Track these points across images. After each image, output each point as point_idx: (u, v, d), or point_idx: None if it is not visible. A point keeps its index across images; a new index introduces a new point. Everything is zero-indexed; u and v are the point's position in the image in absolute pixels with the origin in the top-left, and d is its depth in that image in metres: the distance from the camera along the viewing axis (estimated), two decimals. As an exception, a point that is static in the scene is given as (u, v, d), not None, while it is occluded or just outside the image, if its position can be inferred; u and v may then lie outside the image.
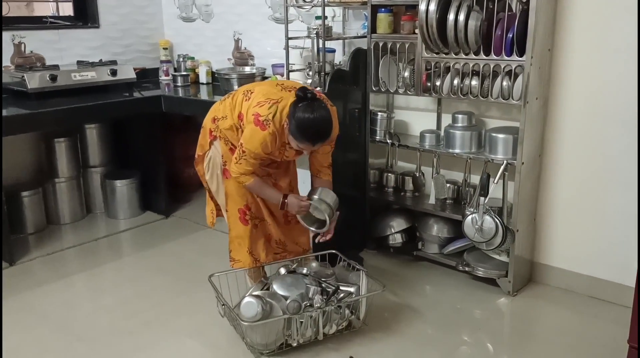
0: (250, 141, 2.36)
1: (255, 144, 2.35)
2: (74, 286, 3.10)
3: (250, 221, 2.60)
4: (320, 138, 2.35)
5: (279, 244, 2.71)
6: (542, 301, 2.86)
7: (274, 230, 2.67)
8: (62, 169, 3.88)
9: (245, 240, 2.60)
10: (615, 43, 2.60)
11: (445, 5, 2.73)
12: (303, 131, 2.31)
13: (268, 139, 2.35)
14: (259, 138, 2.34)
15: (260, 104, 2.37)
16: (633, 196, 2.63)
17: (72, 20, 4.18)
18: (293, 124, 2.31)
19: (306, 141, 2.34)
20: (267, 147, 2.36)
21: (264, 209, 2.63)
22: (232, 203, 2.60)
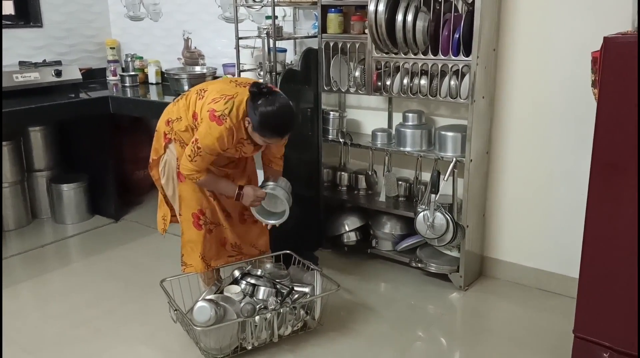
0: (206, 137, 2.31)
1: (212, 139, 2.31)
2: (19, 296, 2.99)
3: (204, 226, 2.55)
4: (288, 128, 2.37)
5: (234, 247, 2.67)
6: (493, 295, 2.94)
7: (229, 233, 2.63)
8: (5, 173, 3.73)
9: (198, 245, 2.56)
10: (557, 43, 2.68)
11: (394, 6, 2.76)
12: (269, 125, 2.29)
13: (225, 134, 2.30)
14: (216, 133, 2.30)
15: (215, 100, 2.33)
16: (576, 191, 2.72)
17: (13, 20, 4.02)
18: (256, 120, 2.28)
19: (274, 134, 2.33)
20: (223, 142, 2.32)
21: (219, 213, 2.59)
22: (185, 207, 2.55)
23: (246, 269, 2.60)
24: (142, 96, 3.80)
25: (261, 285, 2.45)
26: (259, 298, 2.42)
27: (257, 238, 2.74)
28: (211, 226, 2.57)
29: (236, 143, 2.38)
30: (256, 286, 2.46)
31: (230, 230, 2.63)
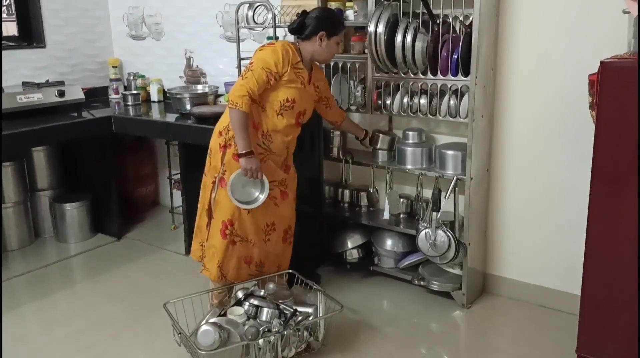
0: (261, 54, 2.48)
1: (265, 53, 2.47)
2: (23, 319, 3.00)
3: (229, 236, 2.58)
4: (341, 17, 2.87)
5: (258, 266, 2.69)
6: (495, 312, 2.95)
7: (256, 251, 2.65)
8: (9, 194, 3.75)
9: (219, 253, 2.59)
10: (554, 62, 2.71)
11: (393, 27, 2.80)
12: (335, 19, 2.64)
13: (278, 48, 2.47)
14: (269, 49, 2.48)
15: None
16: (576, 207, 2.74)
17: (16, 41, 4.06)
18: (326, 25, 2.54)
19: (342, 25, 2.68)
20: (278, 56, 2.45)
21: (250, 227, 2.60)
22: (219, 211, 2.59)
23: (249, 290, 2.62)
24: (144, 114, 3.83)
25: (264, 307, 2.46)
26: (262, 320, 2.43)
27: (285, 259, 2.80)
28: (236, 239, 2.60)
29: (292, 65, 2.50)
30: (259, 308, 2.47)
31: (259, 247, 2.64)
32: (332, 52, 2.63)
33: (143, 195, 4.43)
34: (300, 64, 2.55)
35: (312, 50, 2.57)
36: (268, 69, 2.44)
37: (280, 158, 2.66)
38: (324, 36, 2.54)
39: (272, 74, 2.46)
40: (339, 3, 3.07)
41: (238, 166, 2.51)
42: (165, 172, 4.32)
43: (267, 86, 2.48)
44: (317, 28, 2.53)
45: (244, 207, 2.56)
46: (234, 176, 2.51)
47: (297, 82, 2.54)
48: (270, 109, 2.53)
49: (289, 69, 2.49)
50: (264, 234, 2.65)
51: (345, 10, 3.06)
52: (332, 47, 2.59)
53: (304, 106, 2.62)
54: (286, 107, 2.54)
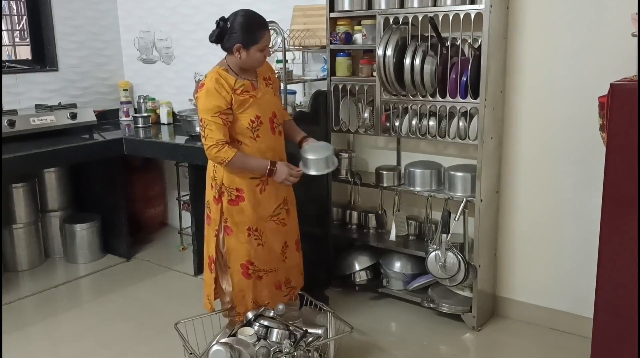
0: (202, 105, 2.37)
1: (204, 101, 2.36)
2: (32, 338, 3.00)
3: (253, 274, 2.57)
4: (263, 18, 2.42)
5: (286, 283, 2.69)
6: (506, 335, 2.92)
7: (281, 273, 2.65)
8: (20, 214, 3.78)
9: (249, 292, 2.59)
10: (563, 84, 2.74)
11: (402, 50, 2.84)
12: (251, 24, 2.36)
13: (211, 87, 2.35)
14: (204, 94, 2.37)
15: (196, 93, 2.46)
16: (587, 229, 2.74)
17: (30, 64, 4.13)
18: (240, 34, 2.35)
19: (261, 28, 2.38)
20: (215, 94, 2.34)
21: (269, 258, 2.59)
22: (234, 259, 2.57)
23: (259, 311, 2.61)
24: (155, 136, 3.87)
25: (274, 327, 2.45)
26: (272, 341, 2.42)
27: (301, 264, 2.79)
28: (261, 273, 2.59)
29: (232, 89, 2.38)
30: (270, 329, 2.46)
31: (281, 269, 2.65)
32: (258, 61, 2.43)
33: (152, 216, 4.45)
34: (237, 82, 2.41)
35: (236, 62, 2.42)
36: (217, 113, 2.35)
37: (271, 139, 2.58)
38: (242, 49, 2.37)
39: (223, 113, 2.36)
40: (347, 27, 3.12)
41: (238, 211, 2.50)
42: (173, 193, 4.35)
43: (228, 125, 2.40)
44: (232, 41, 2.36)
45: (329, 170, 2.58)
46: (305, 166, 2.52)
47: (247, 99, 2.42)
48: (245, 138, 2.45)
49: (232, 96, 2.38)
50: (282, 256, 2.66)
51: (353, 34, 3.11)
52: (253, 57, 2.40)
53: (269, 110, 2.51)
54: (256, 127, 2.45)
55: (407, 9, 2.84)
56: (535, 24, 2.76)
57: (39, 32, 4.15)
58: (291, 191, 2.73)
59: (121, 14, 4.50)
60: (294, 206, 2.76)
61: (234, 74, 2.44)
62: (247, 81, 2.46)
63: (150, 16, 4.30)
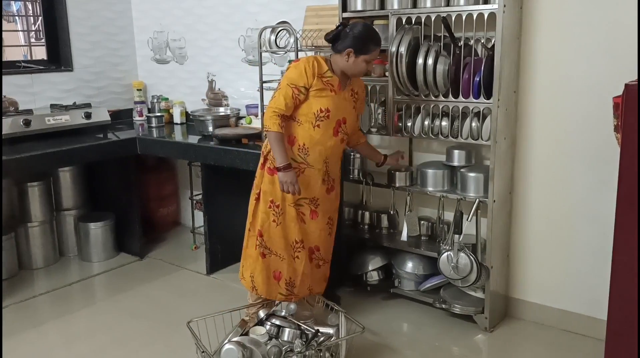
0: (287, 73, 2.56)
1: (292, 71, 2.53)
2: (47, 335, 3.03)
3: (258, 247, 2.66)
4: (378, 35, 2.61)
5: (288, 285, 2.68)
6: (518, 337, 2.91)
7: (286, 268, 2.65)
8: (35, 213, 3.83)
9: (252, 261, 2.68)
10: (576, 84, 2.72)
11: (414, 50, 2.84)
12: (368, 36, 2.55)
13: (303, 63, 2.52)
14: (294, 66, 2.54)
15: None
16: (600, 231, 2.72)
17: (45, 64, 4.18)
18: (356, 40, 2.52)
19: (374, 43, 2.56)
20: (302, 72, 2.50)
21: (279, 241, 2.63)
22: (254, 223, 2.68)
23: (271, 310, 2.62)
24: (168, 135, 3.90)
25: (286, 327, 2.46)
26: (284, 340, 2.43)
27: (317, 282, 2.78)
28: (265, 251, 2.65)
29: (319, 75, 2.53)
30: (281, 328, 2.47)
31: (288, 263, 2.65)
32: (360, 70, 2.60)
33: (165, 215, 4.49)
34: (328, 73, 2.57)
35: (341, 64, 2.58)
36: (293, 84, 2.50)
37: (320, 171, 2.64)
38: (352, 53, 2.53)
39: (297, 88, 2.51)
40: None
41: (271, 181, 2.59)
42: (186, 192, 4.38)
43: (297, 101, 2.53)
44: (346, 44, 2.54)
45: None
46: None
47: (327, 90, 2.56)
48: (307, 121, 2.56)
49: (316, 80, 2.53)
50: (293, 250, 2.66)
51: (366, 34, 3.11)
52: (359, 65, 2.57)
53: (341, 113, 2.62)
54: (321, 117, 2.56)
55: (420, 9, 2.83)
56: (549, 24, 2.74)
57: (54, 32, 4.20)
58: (329, 201, 2.75)
59: (136, 14, 4.53)
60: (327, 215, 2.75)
61: (330, 68, 2.59)
62: (336, 77, 2.60)
63: (165, 17, 4.33)
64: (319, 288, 2.81)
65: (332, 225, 2.80)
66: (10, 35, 4.75)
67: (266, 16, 3.71)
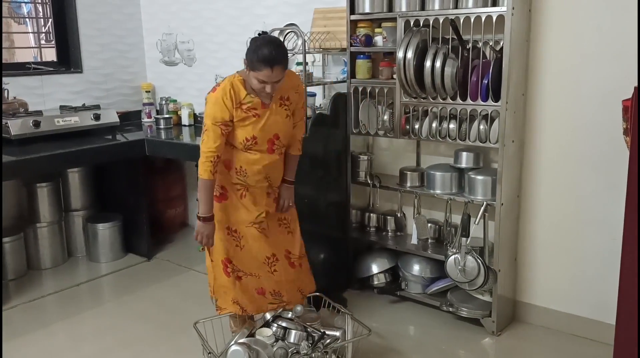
0: (208, 110, 2.36)
1: (210, 106, 2.35)
2: (55, 336, 3.05)
3: (231, 273, 2.58)
4: (274, 57, 2.26)
5: (275, 295, 2.64)
6: (526, 341, 2.89)
7: (265, 283, 2.61)
8: (44, 213, 3.85)
9: (230, 290, 2.58)
10: (586, 87, 2.70)
11: (422, 52, 2.83)
12: (256, 52, 2.26)
13: (220, 96, 2.33)
14: (212, 100, 2.35)
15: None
16: (609, 235, 2.70)
17: (55, 66, 4.21)
18: (248, 55, 2.30)
19: (262, 63, 2.25)
20: (222, 105, 2.33)
21: (250, 262, 2.59)
22: (215, 253, 2.60)
23: (277, 312, 2.62)
24: (176, 137, 3.92)
25: (292, 329, 2.46)
26: (290, 342, 2.43)
27: (304, 281, 2.74)
28: (240, 274, 2.59)
29: (239, 103, 2.36)
30: (287, 330, 2.47)
31: (267, 280, 2.61)
32: (255, 87, 2.34)
33: (172, 216, 4.50)
34: (247, 98, 2.38)
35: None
36: (219, 122, 2.35)
37: (263, 188, 2.55)
38: (247, 67, 2.33)
39: (223, 123, 2.36)
40: (367, 29, 3.12)
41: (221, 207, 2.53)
42: (193, 194, 4.39)
43: (227, 133, 2.39)
44: (246, 55, 2.32)
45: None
46: None
47: (250, 117, 2.39)
48: (239, 145, 2.45)
49: (236, 111, 2.37)
50: (268, 266, 2.60)
51: (374, 36, 3.11)
52: (252, 81, 2.33)
53: (272, 130, 2.46)
54: (249, 145, 2.44)
55: (428, 12, 2.83)
56: (558, 27, 2.73)
57: (64, 34, 4.23)
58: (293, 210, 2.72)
59: (145, 17, 4.56)
60: (295, 222, 2.73)
61: (248, 88, 2.40)
62: (257, 99, 2.41)
63: (174, 19, 4.36)
64: (309, 286, 2.76)
65: (288, 222, 2.69)
66: (20, 37, 4.80)
67: (274, 19, 3.72)
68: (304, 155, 2.74)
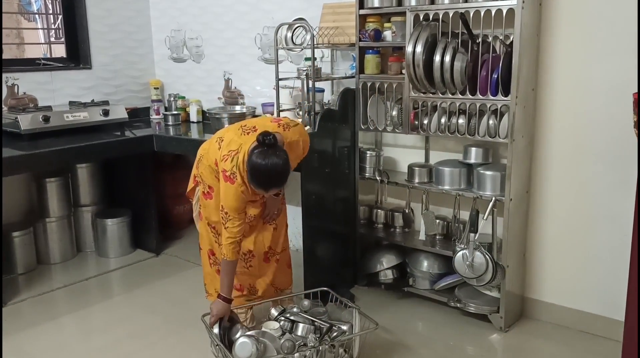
0: (226, 199, 2.43)
1: (231, 199, 2.42)
2: (64, 328, 3.07)
3: (213, 265, 2.75)
4: (271, 185, 2.39)
5: (252, 291, 2.79)
6: (534, 337, 2.88)
7: (242, 277, 2.75)
8: (53, 208, 3.87)
9: (213, 279, 2.74)
10: (596, 82, 2.69)
11: (431, 47, 2.82)
12: (255, 177, 2.36)
13: (239, 190, 2.41)
14: (232, 192, 2.41)
15: (224, 158, 2.44)
16: (619, 231, 2.68)
17: (64, 62, 4.24)
18: (249, 169, 2.37)
19: (259, 186, 2.39)
20: (242, 198, 2.43)
21: None
22: (202, 242, 2.76)
23: (283, 307, 2.63)
24: (184, 133, 3.93)
25: (300, 322, 2.46)
26: (297, 335, 2.43)
27: (281, 279, 2.84)
28: (218, 267, 2.69)
29: (253, 193, 2.46)
30: (295, 323, 2.47)
31: (243, 275, 2.74)
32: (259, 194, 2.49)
33: (181, 213, 4.51)
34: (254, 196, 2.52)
35: None
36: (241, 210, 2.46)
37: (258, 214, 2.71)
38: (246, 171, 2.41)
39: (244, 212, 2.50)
40: (376, 24, 3.12)
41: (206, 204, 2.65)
42: (202, 190, 4.40)
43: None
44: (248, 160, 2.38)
45: None
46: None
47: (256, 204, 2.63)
48: None
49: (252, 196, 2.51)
50: (245, 262, 2.72)
51: (383, 31, 3.11)
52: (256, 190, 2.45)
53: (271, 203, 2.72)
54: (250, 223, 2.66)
55: (438, 6, 2.82)
56: (569, 21, 2.71)
57: (73, 31, 4.25)
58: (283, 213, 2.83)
59: (154, 13, 4.58)
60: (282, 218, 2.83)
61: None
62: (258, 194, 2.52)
63: (182, 15, 4.37)
64: (284, 282, 2.88)
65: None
66: (30, 33, 4.83)
67: (283, 14, 3.72)
68: (312, 151, 2.75)
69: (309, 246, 3.08)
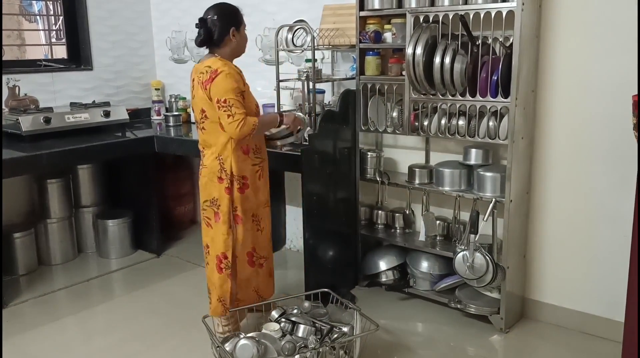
0: (224, 87, 2.46)
1: (226, 84, 2.46)
2: (66, 329, 3.08)
3: (256, 262, 2.71)
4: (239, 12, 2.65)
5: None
6: (535, 338, 2.88)
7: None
8: (54, 209, 3.88)
9: (252, 280, 2.71)
10: (596, 83, 2.69)
11: (431, 49, 2.83)
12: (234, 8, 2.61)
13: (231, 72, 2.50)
14: (223, 77, 2.47)
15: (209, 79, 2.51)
16: (619, 232, 2.68)
17: (66, 63, 4.24)
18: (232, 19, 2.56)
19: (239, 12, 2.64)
20: (237, 78, 2.51)
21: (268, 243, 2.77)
22: (214, 247, 2.69)
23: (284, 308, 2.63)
24: (185, 134, 3.94)
25: (301, 323, 2.47)
26: (298, 336, 2.44)
27: (264, 286, 2.84)
28: (261, 261, 2.74)
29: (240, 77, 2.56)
30: (296, 324, 2.48)
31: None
32: (246, 39, 2.68)
33: (182, 213, 4.53)
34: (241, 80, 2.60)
35: (230, 51, 2.61)
36: (238, 93, 2.51)
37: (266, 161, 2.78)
38: (235, 31, 2.58)
39: (240, 93, 2.53)
40: (377, 25, 3.13)
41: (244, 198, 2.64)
42: (203, 191, 4.40)
43: None
44: (224, 29, 2.54)
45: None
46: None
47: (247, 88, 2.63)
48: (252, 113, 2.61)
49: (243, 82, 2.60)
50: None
51: (383, 33, 3.11)
52: (244, 36, 2.65)
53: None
54: (257, 111, 2.70)
55: (438, 8, 2.83)
56: (568, 23, 2.72)
57: (75, 32, 4.26)
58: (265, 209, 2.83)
59: (155, 14, 4.58)
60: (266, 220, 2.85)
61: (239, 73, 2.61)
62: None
63: (184, 17, 4.37)
64: (267, 290, 2.87)
65: (258, 220, 2.75)
66: (31, 35, 4.84)
67: (284, 16, 3.73)
68: (313, 152, 2.75)
69: (310, 247, 3.09)
